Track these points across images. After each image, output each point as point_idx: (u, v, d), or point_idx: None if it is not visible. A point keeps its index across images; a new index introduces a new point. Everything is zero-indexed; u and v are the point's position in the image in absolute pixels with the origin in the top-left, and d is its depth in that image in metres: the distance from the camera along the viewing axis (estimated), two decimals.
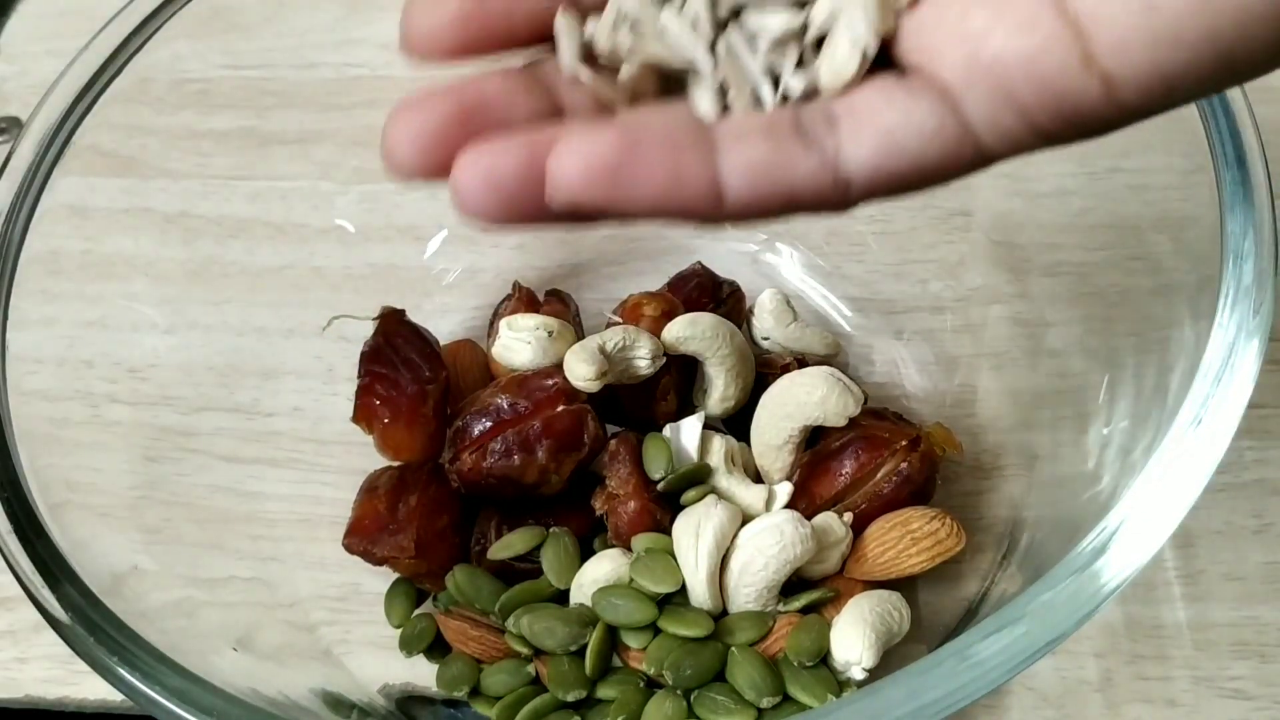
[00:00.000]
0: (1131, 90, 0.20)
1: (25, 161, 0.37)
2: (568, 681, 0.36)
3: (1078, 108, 0.21)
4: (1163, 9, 0.19)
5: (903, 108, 0.21)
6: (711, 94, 0.23)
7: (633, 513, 0.37)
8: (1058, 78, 0.20)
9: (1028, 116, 0.21)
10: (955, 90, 0.21)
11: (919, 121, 0.21)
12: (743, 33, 0.23)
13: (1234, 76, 0.21)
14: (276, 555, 0.41)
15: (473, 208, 0.22)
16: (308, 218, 0.47)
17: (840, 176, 0.22)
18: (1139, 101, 0.21)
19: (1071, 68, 0.20)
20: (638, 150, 0.21)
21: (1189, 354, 0.31)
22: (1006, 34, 0.20)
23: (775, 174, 0.22)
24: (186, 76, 0.43)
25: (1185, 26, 0.19)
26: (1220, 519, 0.41)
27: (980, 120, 0.21)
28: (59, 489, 0.34)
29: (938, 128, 0.21)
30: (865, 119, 0.22)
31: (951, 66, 0.21)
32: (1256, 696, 0.38)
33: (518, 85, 0.24)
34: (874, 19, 0.22)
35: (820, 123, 0.22)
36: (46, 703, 0.41)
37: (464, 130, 0.22)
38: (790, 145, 0.22)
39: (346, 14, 0.46)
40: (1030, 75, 0.20)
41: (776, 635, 0.36)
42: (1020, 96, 0.21)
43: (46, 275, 0.38)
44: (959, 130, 0.21)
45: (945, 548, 0.37)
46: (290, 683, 0.35)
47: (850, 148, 0.22)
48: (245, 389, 0.44)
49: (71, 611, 0.30)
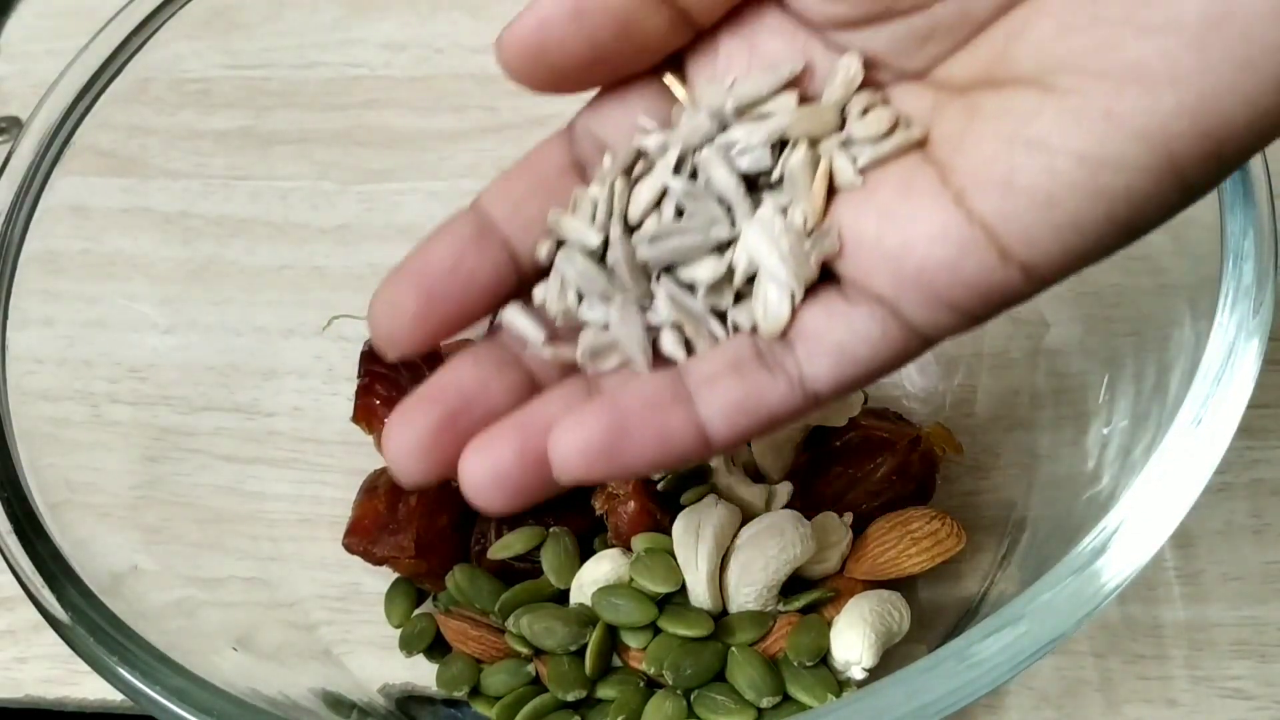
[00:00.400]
0: (1048, 269, 0.22)
1: (25, 161, 0.37)
2: (568, 681, 0.36)
3: (1004, 294, 0.22)
4: (1061, 203, 0.21)
5: (847, 322, 0.23)
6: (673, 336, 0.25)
7: (632, 512, 0.37)
8: (981, 276, 0.22)
9: (960, 310, 0.23)
10: (890, 300, 0.23)
11: (865, 332, 0.23)
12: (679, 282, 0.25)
13: (1135, 236, 0.22)
14: (276, 555, 0.41)
15: (488, 504, 0.24)
16: (308, 217, 0.47)
17: (809, 391, 0.24)
18: (1057, 274, 0.22)
19: (991, 264, 0.22)
20: (626, 429, 0.23)
21: (1189, 354, 0.31)
22: (925, 247, 0.22)
23: (751, 407, 0.24)
24: (186, 76, 0.43)
25: (1083, 213, 0.21)
26: (1220, 519, 0.41)
27: (919, 320, 0.23)
28: (59, 489, 0.34)
29: (883, 333, 0.23)
30: (816, 339, 0.24)
31: (881, 282, 0.23)
32: (1256, 696, 0.38)
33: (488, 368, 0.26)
34: (795, 272, 0.24)
35: (778, 346, 0.24)
36: (47, 702, 0.41)
37: (455, 431, 0.24)
38: (758, 376, 0.24)
39: (347, 13, 0.46)
40: (955, 279, 0.22)
41: (776, 635, 0.36)
42: (950, 297, 0.22)
43: (46, 275, 0.38)
44: (902, 330, 0.23)
45: (945, 548, 0.37)
46: (290, 682, 0.35)
47: (810, 368, 0.24)
48: (245, 389, 0.44)
49: (71, 611, 0.30)
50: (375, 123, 0.47)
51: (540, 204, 0.26)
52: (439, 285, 0.25)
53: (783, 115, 0.24)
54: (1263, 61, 0.20)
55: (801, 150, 0.24)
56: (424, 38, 0.47)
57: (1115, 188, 0.21)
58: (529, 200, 0.26)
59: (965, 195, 0.22)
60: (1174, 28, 0.20)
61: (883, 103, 0.25)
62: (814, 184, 0.24)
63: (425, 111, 0.48)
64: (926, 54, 0.24)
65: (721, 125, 0.25)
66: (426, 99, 0.48)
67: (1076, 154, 0.21)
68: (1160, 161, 0.21)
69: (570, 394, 0.25)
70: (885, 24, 0.24)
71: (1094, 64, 0.21)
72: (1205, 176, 0.21)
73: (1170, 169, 0.21)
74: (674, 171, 0.25)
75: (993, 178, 0.22)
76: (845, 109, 0.25)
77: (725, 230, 0.24)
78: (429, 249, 0.26)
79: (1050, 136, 0.21)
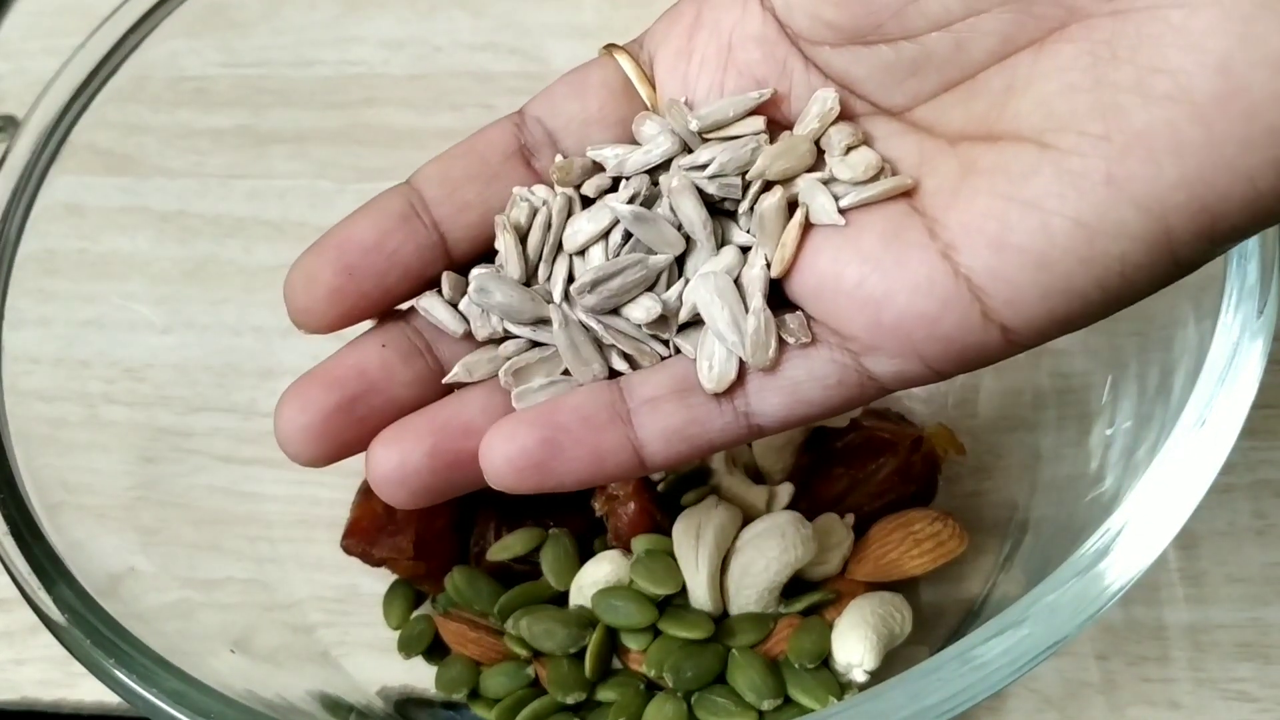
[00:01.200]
0: (1028, 333, 0.22)
1: (21, 160, 0.37)
2: (567, 684, 0.36)
3: (979, 353, 0.22)
4: (1054, 267, 0.21)
5: (806, 362, 0.23)
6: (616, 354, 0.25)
7: (632, 514, 0.37)
8: (960, 334, 0.22)
9: (931, 364, 0.23)
10: (860, 346, 0.23)
11: (821, 375, 0.23)
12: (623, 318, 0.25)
13: (1120, 307, 0.22)
14: (274, 556, 0.41)
15: (392, 498, 0.24)
16: (306, 216, 0.47)
17: (753, 425, 0.24)
18: (1034, 339, 0.22)
19: (972, 323, 0.22)
20: (559, 444, 0.23)
21: (1192, 354, 0.30)
22: (907, 298, 0.22)
23: (692, 434, 0.23)
24: (183, 74, 0.43)
25: (1075, 279, 0.21)
26: (1224, 520, 0.41)
27: (883, 371, 0.23)
28: (55, 489, 0.34)
29: (839, 379, 0.23)
30: (770, 375, 0.23)
31: (855, 328, 0.23)
32: (1260, 698, 0.38)
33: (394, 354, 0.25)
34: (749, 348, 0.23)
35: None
36: (43, 705, 0.41)
37: (351, 417, 0.24)
38: (702, 405, 0.23)
39: (344, 11, 0.46)
40: (933, 334, 0.22)
41: (777, 637, 0.36)
42: (924, 351, 0.22)
43: (42, 274, 0.38)
44: (859, 377, 0.23)
45: (947, 549, 0.36)
46: (288, 685, 0.35)
47: (759, 403, 0.23)
48: (243, 389, 0.44)
49: (68, 613, 0.30)
50: (373, 121, 0.47)
51: (478, 189, 0.25)
52: (359, 261, 0.24)
53: (751, 144, 0.24)
54: (1264, 142, 0.19)
55: (777, 195, 0.23)
56: (422, 35, 0.47)
57: (1110, 255, 0.21)
58: (466, 184, 0.25)
59: (954, 250, 0.22)
60: (1182, 99, 0.20)
61: (863, 142, 0.24)
62: (787, 232, 0.23)
63: (424, 110, 0.48)
64: (909, 89, 0.24)
65: (685, 146, 0.24)
66: (425, 97, 0.47)
67: (1073, 218, 0.20)
68: (1157, 232, 0.20)
69: (490, 397, 0.24)
70: (871, 47, 0.23)
71: (1097, 127, 0.20)
72: (1195, 252, 0.21)
73: (1165, 241, 0.20)
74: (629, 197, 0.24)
75: (985, 234, 0.21)
76: (820, 143, 0.24)
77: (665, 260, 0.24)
78: (353, 223, 0.25)
79: (1047, 198, 0.21)
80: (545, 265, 0.25)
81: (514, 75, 0.48)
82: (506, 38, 0.48)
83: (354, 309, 0.25)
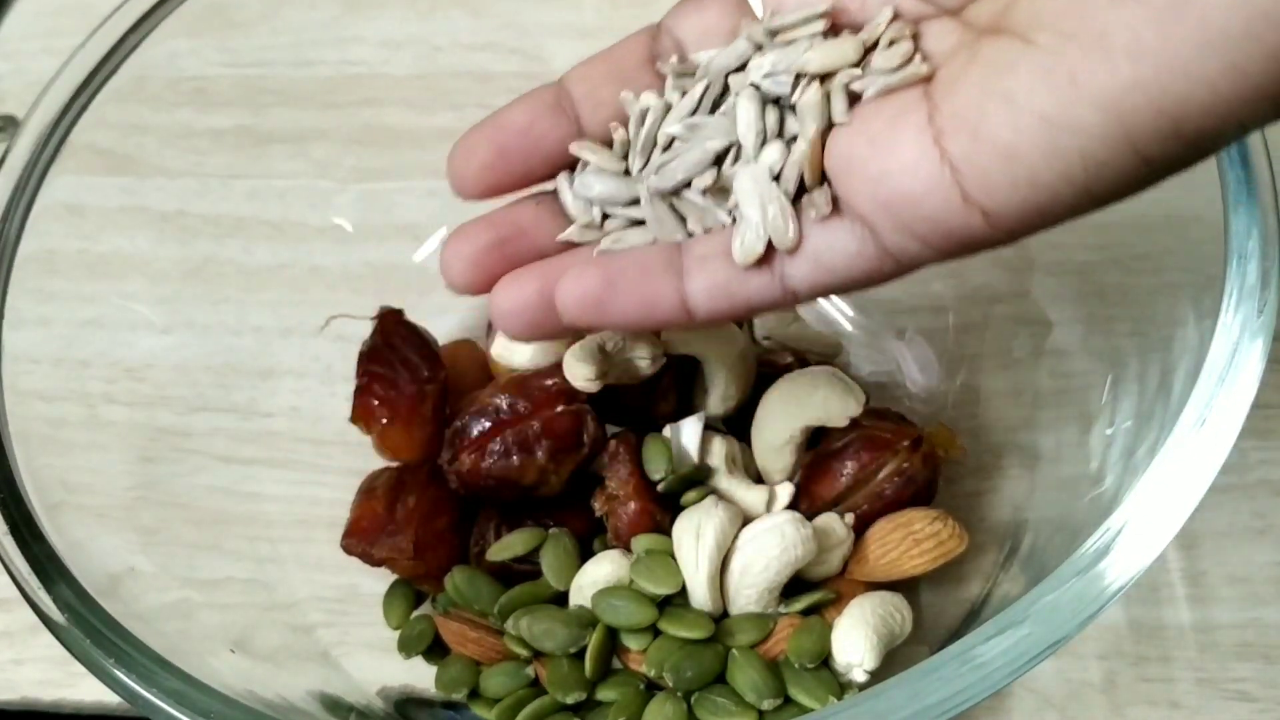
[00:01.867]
0: (1008, 220, 0.23)
1: (21, 160, 0.37)
2: (567, 683, 0.36)
3: (965, 236, 0.24)
4: (1020, 157, 0.22)
5: (828, 234, 0.26)
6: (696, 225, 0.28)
7: (633, 514, 0.37)
8: (943, 214, 0.23)
9: (926, 243, 0.24)
10: (870, 222, 0.25)
11: (842, 246, 0.25)
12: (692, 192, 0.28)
13: (1098, 203, 0.23)
14: (274, 556, 0.41)
15: (507, 329, 0.28)
16: (305, 216, 0.47)
17: (788, 287, 0.26)
18: (1019, 226, 0.23)
19: (954, 205, 0.23)
20: (616, 287, 0.27)
21: (1193, 354, 0.30)
22: (897, 178, 0.24)
23: (732, 290, 0.27)
24: (183, 74, 0.43)
25: (1039, 171, 0.22)
26: (1224, 520, 0.41)
27: (891, 245, 0.25)
28: (55, 489, 0.34)
29: (858, 250, 0.25)
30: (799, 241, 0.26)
31: (862, 204, 0.25)
32: (1260, 698, 0.38)
33: (545, 212, 0.29)
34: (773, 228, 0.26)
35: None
36: (43, 704, 0.41)
37: (502, 254, 0.29)
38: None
39: (344, 11, 0.46)
40: (919, 214, 0.24)
41: (777, 637, 0.36)
42: (916, 229, 0.24)
43: (42, 274, 0.38)
44: (877, 250, 0.25)
45: (947, 549, 0.36)
46: (288, 684, 0.35)
47: (790, 268, 0.26)
48: (242, 389, 0.44)
49: (68, 613, 0.30)
50: (373, 121, 0.47)
51: (614, 89, 0.29)
52: (510, 142, 0.29)
53: (805, 45, 0.27)
54: (1221, 47, 0.20)
55: (812, 90, 0.26)
56: (422, 35, 0.47)
57: (1071, 150, 0.22)
58: (605, 84, 0.29)
59: (943, 135, 0.23)
60: (1142, 2, 0.20)
61: (911, 36, 0.26)
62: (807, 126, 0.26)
63: (424, 109, 0.48)
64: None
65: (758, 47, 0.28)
66: (425, 97, 0.47)
67: (1039, 113, 0.22)
68: (1115, 132, 0.21)
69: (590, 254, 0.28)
70: None
71: (1068, 26, 0.21)
72: (1166, 154, 0.21)
73: (1126, 141, 0.21)
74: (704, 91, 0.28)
75: (967, 123, 0.23)
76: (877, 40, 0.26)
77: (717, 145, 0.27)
78: (510, 109, 0.29)
79: (1019, 92, 0.22)
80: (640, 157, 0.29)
81: (514, 75, 0.48)
82: (506, 38, 0.48)
83: (501, 183, 0.29)
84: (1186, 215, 0.34)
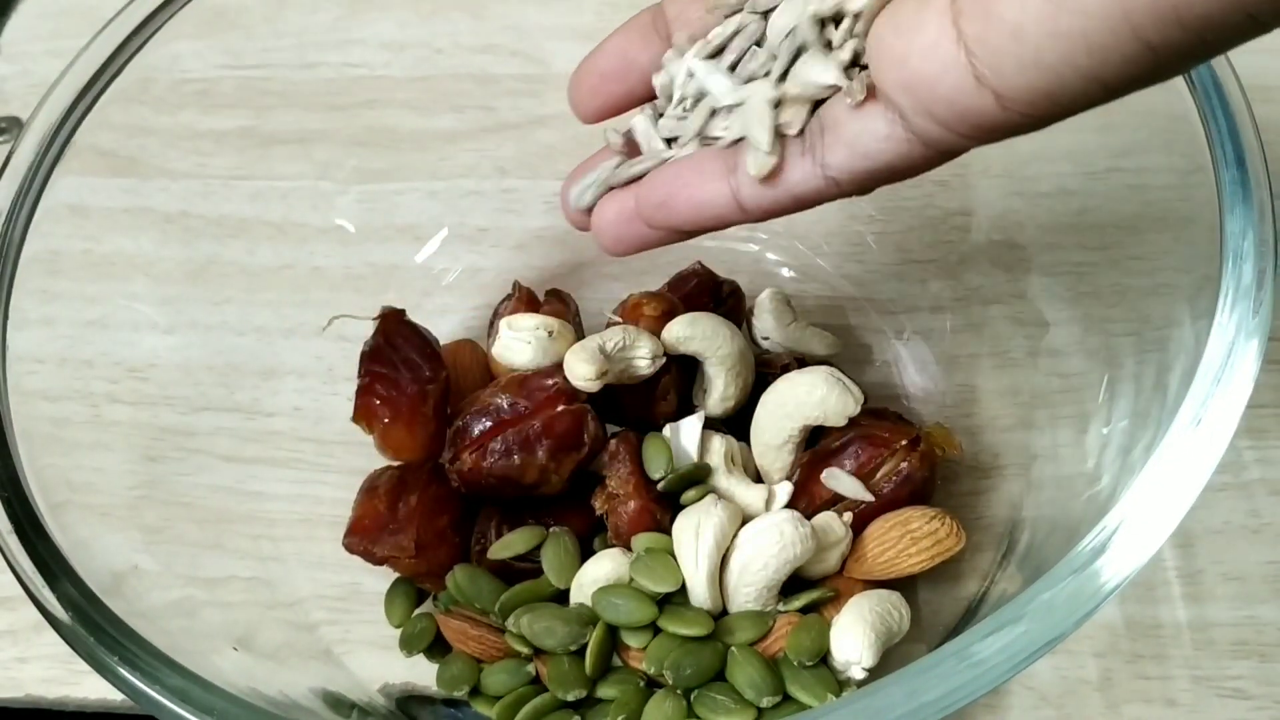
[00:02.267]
0: (1019, 102, 0.23)
1: (25, 161, 0.37)
2: (568, 681, 0.36)
3: (980, 119, 0.24)
4: (1026, 38, 0.22)
5: (862, 118, 0.26)
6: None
7: (633, 512, 0.37)
8: (958, 96, 0.24)
9: (946, 126, 0.24)
10: (895, 104, 0.25)
11: (873, 130, 0.26)
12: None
13: (1110, 93, 0.23)
14: (277, 555, 0.41)
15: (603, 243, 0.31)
16: (307, 217, 0.47)
17: (829, 176, 0.27)
18: (1031, 110, 0.23)
19: (967, 87, 0.23)
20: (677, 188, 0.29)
21: (1188, 354, 0.31)
22: (916, 60, 0.24)
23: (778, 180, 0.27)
24: (186, 76, 0.43)
25: (1044, 52, 0.22)
26: (1219, 519, 0.41)
27: (917, 129, 0.25)
28: (59, 488, 0.34)
29: (888, 134, 0.26)
30: (836, 130, 0.27)
31: (889, 87, 0.25)
32: (1256, 696, 0.38)
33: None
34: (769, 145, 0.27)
35: (817, 132, 0.27)
36: (47, 702, 0.41)
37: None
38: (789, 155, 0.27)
39: (346, 14, 0.46)
40: (937, 95, 0.24)
41: (776, 635, 0.36)
42: (934, 111, 0.24)
43: (47, 275, 0.38)
44: (905, 134, 0.25)
45: (945, 547, 0.37)
46: (290, 682, 0.35)
47: (829, 155, 0.27)
48: (245, 389, 0.44)
49: (72, 611, 0.30)
50: (375, 123, 0.47)
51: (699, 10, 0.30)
52: (609, 66, 0.31)
53: None
54: None
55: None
56: (424, 38, 0.48)
57: (1073, 31, 0.22)
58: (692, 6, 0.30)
59: (961, 16, 0.23)
60: None
61: None
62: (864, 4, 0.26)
63: (425, 111, 0.48)
64: None
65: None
66: (426, 99, 0.48)
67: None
68: (1115, 13, 0.21)
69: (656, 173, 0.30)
70: None
71: None
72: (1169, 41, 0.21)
73: (1126, 23, 0.21)
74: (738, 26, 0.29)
75: (981, 3, 0.23)
76: None
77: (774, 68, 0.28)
78: (611, 36, 0.31)
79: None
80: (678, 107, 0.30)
81: (515, 78, 0.48)
82: (507, 40, 0.48)
83: (608, 105, 0.31)
84: (1182, 216, 0.35)
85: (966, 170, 0.44)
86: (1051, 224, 0.42)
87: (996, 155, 0.43)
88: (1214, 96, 0.33)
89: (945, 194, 0.45)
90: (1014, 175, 0.43)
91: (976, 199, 0.44)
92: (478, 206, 0.49)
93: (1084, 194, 0.41)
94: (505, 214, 0.49)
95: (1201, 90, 0.33)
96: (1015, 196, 0.43)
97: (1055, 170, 0.41)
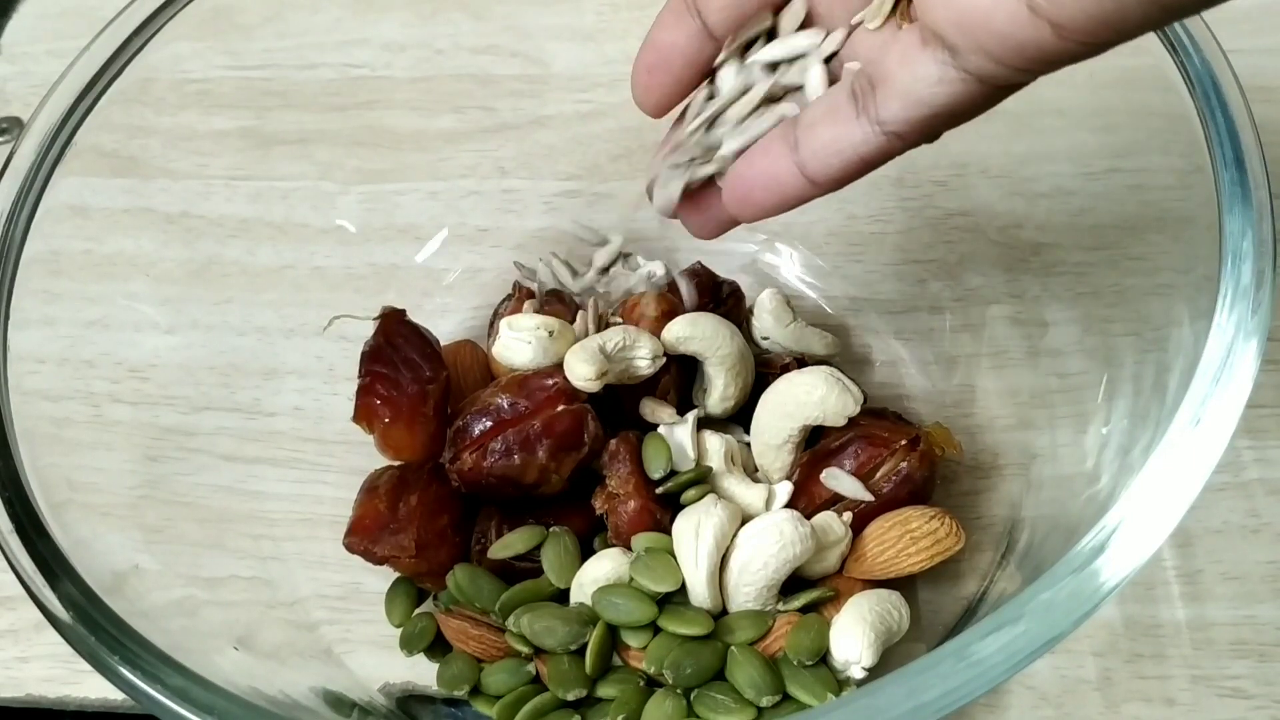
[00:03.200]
0: (1078, 31, 0.23)
1: (26, 162, 0.37)
2: (568, 680, 0.36)
3: (1038, 51, 0.24)
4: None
5: (913, 66, 0.26)
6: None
7: (633, 512, 0.37)
8: (1012, 29, 0.23)
9: (1001, 61, 0.24)
10: (951, 45, 0.25)
11: (924, 75, 0.26)
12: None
13: (1168, 14, 0.23)
14: (277, 554, 0.41)
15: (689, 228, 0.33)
16: (308, 218, 0.47)
17: (888, 131, 0.27)
18: (1089, 38, 0.23)
19: (1021, 18, 0.23)
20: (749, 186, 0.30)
21: (1187, 354, 0.31)
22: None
23: (839, 147, 0.28)
24: (187, 77, 0.43)
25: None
26: (1219, 518, 0.41)
27: (971, 67, 0.25)
28: (60, 488, 0.34)
29: (940, 76, 0.25)
30: (886, 84, 0.27)
31: (943, 27, 0.25)
32: (1255, 695, 0.38)
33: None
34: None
35: (866, 89, 0.27)
36: (48, 701, 0.41)
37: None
38: (845, 120, 0.28)
39: (347, 14, 0.46)
40: (990, 30, 0.24)
41: (776, 634, 0.36)
42: (989, 47, 0.24)
43: (48, 275, 0.38)
44: (959, 74, 0.25)
45: (944, 547, 0.37)
46: (291, 681, 0.35)
47: (882, 111, 0.27)
48: (246, 389, 0.44)
49: (73, 610, 0.30)
50: (376, 123, 0.47)
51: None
52: (653, 59, 0.31)
53: None
54: None
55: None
56: (424, 39, 0.48)
57: None
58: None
59: None
60: None
61: None
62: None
63: (426, 112, 0.48)
64: None
65: None
66: (427, 100, 0.48)
67: None
68: None
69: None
70: None
71: None
72: None
73: None
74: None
75: None
76: None
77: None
78: (652, 28, 0.31)
79: None
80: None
81: (515, 78, 0.48)
82: (508, 41, 0.48)
83: (663, 98, 0.32)
84: (1181, 216, 0.35)
85: (966, 170, 0.44)
86: (1051, 224, 0.42)
87: (996, 155, 0.43)
88: (1213, 97, 0.33)
89: (945, 194, 0.45)
90: (1014, 175, 0.43)
91: (976, 199, 0.44)
92: (478, 207, 0.49)
93: (1083, 194, 0.41)
94: (505, 214, 0.49)
95: (1200, 90, 0.33)
96: (1015, 196, 0.43)
97: (1055, 170, 0.42)
